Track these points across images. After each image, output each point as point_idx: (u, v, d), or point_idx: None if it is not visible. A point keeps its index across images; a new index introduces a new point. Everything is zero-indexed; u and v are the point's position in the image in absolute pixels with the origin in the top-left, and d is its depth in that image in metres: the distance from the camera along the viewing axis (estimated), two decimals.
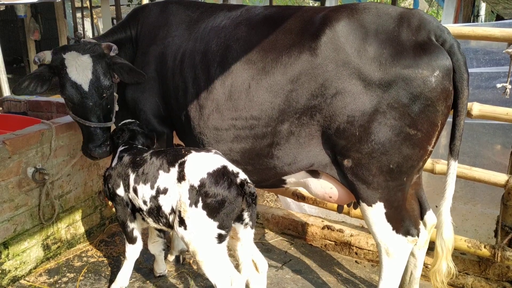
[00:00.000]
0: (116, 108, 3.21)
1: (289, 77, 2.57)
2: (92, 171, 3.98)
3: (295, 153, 2.67)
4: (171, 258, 3.60)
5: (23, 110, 4.94)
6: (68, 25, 13.08)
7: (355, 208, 3.23)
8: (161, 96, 3.11)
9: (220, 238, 2.54)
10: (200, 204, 2.49)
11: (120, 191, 2.93)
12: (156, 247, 3.29)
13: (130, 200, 2.91)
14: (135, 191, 2.80)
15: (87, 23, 18.57)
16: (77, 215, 3.89)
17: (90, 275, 3.48)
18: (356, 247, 3.80)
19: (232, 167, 2.58)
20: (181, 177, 2.58)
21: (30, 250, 3.47)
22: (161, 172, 2.68)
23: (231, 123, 2.75)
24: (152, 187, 2.70)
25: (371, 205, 2.63)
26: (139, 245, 3.13)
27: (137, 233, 3.09)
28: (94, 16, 16.66)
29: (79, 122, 3.04)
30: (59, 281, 3.39)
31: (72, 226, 3.85)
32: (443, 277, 2.71)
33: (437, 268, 2.71)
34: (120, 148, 3.04)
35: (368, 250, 3.75)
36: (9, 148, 3.19)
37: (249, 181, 2.54)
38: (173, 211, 2.64)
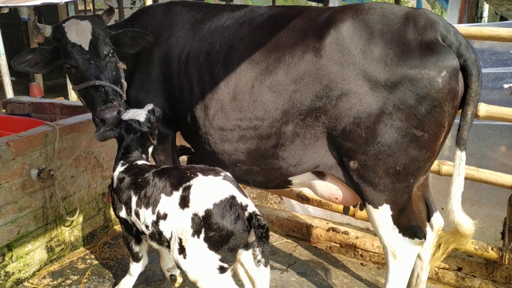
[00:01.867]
0: (124, 97, 3.12)
1: (292, 77, 2.54)
2: (96, 173, 3.97)
3: (300, 154, 2.65)
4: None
5: (27, 112, 4.96)
6: None
7: (361, 209, 3.20)
8: (166, 97, 3.09)
9: (222, 269, 2.39)
10: (202, 235, 2.32)
11: (123, 214, 2.81)
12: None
13: (134, 223, 2.78)
14: (137, 215, 2.65)
15: None
16: (81, 217, 3.88)
17: (94, 277, 3.46)
18: (361, 249, 3.77)
19: (241, 199, 2.38)
20: (185, 203, 2.41)
21: (34, 252, 3.46)
22: (163, 195, 2.52)
23: (235, 124, 2.73)
24: (153, 212, 2.54)
25: (377, 207, 2.60)
26: (144, 262, 3.07)
27: (142, 253, 3.02)
28: None
29: (83, 90, 2.89)
30: (62, 284, 3.38)
31: (75, 228, 3.84)
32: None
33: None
34: (120, 168, 2.84)
35: (374, 253, 3.72)
36: (13, 150, 3.19)
37: (258, 213, 2.36)
38: (173, 236, 2.48)
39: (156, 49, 3.09)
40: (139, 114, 2.88)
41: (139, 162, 2.83)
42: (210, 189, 2.40)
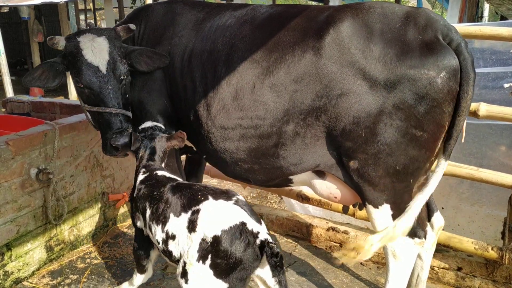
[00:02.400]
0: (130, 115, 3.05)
1: (293, 77, 2.54)
2: (96, 172, 3.97)
3: (301, 153, 2.65)
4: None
5: (26, 111, 4.95)
6: (72, 27, 13.10)
7: (360, 209, 3.20)
8: (169, 96, 3.08)
9: None
10: (208, 261, 2.22)
11: (140, 223, 2.77)
12: None
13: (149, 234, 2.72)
14: (150, 228, 2.61)
15: None
16: (80, 217, 3.87)
17: (93, 277, 3.46)
18: None
19: (252, 225, 2.25)
20: (192, 228, 2.32)
21: (33, 252, 3.45)
22: (172, 215, 2.45)
23: (237, 122, 2.72)
24: (163, 230, 2.48)
25: (377, 207, 2.60)
26: (148, 274, 3.01)
27: (149, 265, 2.96)
28: (98, 18, 16.69)
29: (96, 113, 2.83)
30: (62, 283, 3.37)
31: (75, 227, 3.83)
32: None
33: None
34: (141, 177, 2.77)
35: (374, 252, 3.70)
36: (12, 149, 3.18)
37: (270, 241, 2.22)
38: (181, 257, 2.40)
39: (158, 48, 3.07)
40: (156, 123, 2.92)
41: (159, 173, 2.76)
42: (219, 215, 2.30)
